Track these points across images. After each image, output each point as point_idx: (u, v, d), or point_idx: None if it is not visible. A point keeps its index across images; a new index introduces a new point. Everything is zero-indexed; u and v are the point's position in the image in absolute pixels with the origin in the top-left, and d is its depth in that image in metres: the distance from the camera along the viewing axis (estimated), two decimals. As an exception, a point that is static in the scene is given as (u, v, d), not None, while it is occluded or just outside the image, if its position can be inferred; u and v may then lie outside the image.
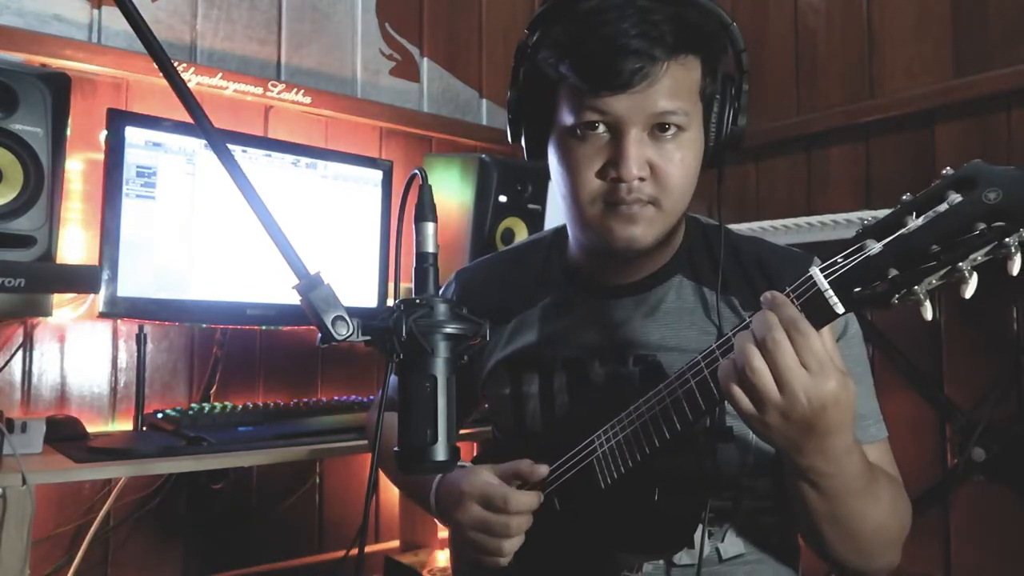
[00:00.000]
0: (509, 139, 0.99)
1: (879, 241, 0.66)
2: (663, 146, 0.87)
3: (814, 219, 1.62)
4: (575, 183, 0.89)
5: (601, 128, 0.87)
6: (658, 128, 0.86)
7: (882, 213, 0.68)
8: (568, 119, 0.88)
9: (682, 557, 0.92)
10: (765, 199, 2.17)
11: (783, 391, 0.69)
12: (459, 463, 0.96)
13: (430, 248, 0.70)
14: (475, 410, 1.22)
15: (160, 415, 1.45)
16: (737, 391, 0.71)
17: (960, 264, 0.63)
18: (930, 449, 1.80)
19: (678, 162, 0.87)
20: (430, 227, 0.70)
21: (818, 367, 0.68)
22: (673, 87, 0.85)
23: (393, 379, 0.70)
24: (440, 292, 1.13)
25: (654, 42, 0.82)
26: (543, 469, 0.90)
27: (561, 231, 1.08)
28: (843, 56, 2.04)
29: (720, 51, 0.90)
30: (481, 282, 1.13)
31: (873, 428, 0.93)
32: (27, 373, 1.58)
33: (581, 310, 1.01)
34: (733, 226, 1.27)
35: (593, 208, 0.89)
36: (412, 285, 0.70)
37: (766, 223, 1.73)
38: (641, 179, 0.86)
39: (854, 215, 1.54)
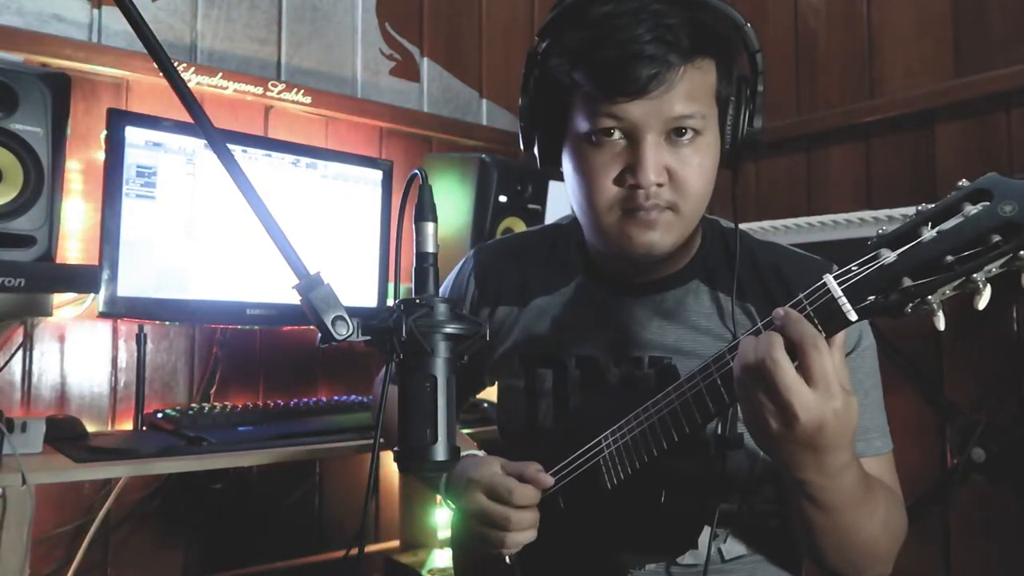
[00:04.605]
0: (522, 147, 0.97)
1: (894, 250, 0.66)
2: (680, 151, 0.86)
3: (814, 219, 1.62)
4: (592, 190, 0.88)
5: (617, 134, 0.85)
6: (675, 133, 0.85)
7: (882, 213, 0.68)
8: (583, 126, 0.87)
9: (685, 557, 0.92)
10: (765, 199, 2.17)
11: (782, 409, 0.69)
12: (472, 452, 0.97)
13: (430, 248, 0.70)
14: (478, 392, 1.22)
15: (160, 415, 1.46)
16: (742, 397, 0.72)
17: (975, 275, 0.63)
18: (930, 449, 1.80)
19: (696, 166, 0.87)
20: (430, 227, 0.70)
21: (824, 386, 0.68)
22: (689, 91, 0.84)
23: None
24: (458, 267, 1.15)
25: (669, 47, 0.81)
26: (548, 480, 0.89)
27: (578, 221, 1.06)
28: (843, 56, 2.04)
29: (735, 53, 0.89)
30: (500, 260, 1.12)
31: (878, 441, 0.93)
32: (27, 373, 1.58)
33: (598, 306, 1.01)
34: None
35: (610, 215, 0.88)
36: (412, 285, 0.70)
37: (766, 223, 1.74)
38: (659, 185, 0.85)
39: (854, 215, 1.54)
